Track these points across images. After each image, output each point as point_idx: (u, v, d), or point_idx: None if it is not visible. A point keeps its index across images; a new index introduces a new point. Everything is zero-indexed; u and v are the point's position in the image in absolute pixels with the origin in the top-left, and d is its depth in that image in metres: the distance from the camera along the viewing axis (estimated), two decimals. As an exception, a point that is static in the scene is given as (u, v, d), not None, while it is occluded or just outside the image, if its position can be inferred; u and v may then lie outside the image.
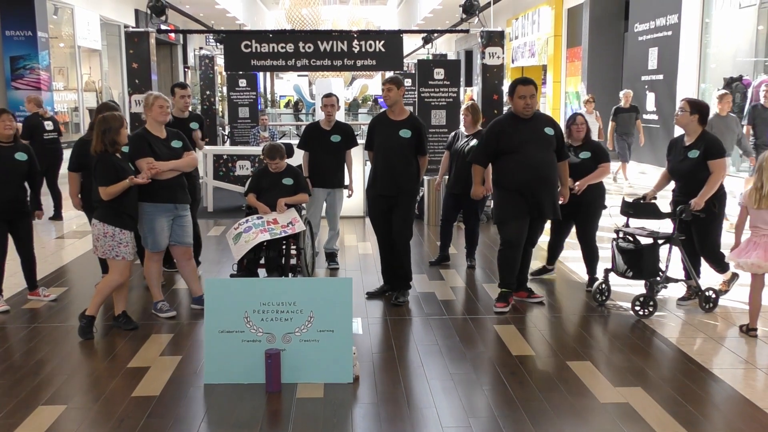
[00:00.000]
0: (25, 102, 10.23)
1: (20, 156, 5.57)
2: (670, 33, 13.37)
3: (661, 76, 13.81)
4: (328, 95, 6.94)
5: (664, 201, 5.88)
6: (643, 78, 14.54)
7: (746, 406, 3.95)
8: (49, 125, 9.63)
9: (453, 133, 7.31)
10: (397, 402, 4.00)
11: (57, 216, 9.61)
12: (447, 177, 7.37)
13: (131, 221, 5.08)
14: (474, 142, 6.79)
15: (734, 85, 10.83)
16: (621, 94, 12.96)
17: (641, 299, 5.43)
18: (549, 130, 5.53)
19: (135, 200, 5.11)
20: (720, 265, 5.76)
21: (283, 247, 5.92)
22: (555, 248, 6.57)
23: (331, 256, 7.08)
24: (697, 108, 5.58)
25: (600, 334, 5.19)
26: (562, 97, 19.37)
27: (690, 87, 12.63)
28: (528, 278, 5.98)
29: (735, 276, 5.84)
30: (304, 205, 6.36)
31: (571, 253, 6.68)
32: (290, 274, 5.92)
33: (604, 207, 6.22)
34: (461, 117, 7.13)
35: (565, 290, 6.31)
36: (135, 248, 5.16)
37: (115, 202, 4.97)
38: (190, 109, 6.83)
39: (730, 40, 12.29)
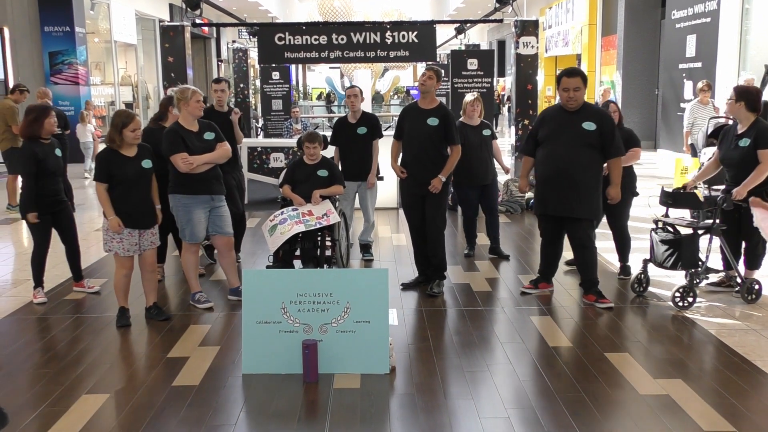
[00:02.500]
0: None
1: (58, 152, 5.74)
2: (708, 20, 13.10)
3: (699, 64, 13.54)
4: (350, 87, 7.05)
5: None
6: (681, 66, 14.28)
7: (790, 399, 3.88)
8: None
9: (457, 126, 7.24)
10: (434, 392, 4.00)
11: None
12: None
13: (126, 218, 5.05)
14: (486, 131, 6.93)
15: (775, 72, 10.58)
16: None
17: (681, 290, 5.35)
18: (588, 125, 5.27)
19: (135, 198, 5.09)
20: (756, 261, 5.61)
21: (318, 238, 5.95)
22: None
23: (366, 248, 7.11)
24: (744, 95, 5.40)
25: (638, 325, 5.13)
26: (597, 87, 19.11)
27: (729, 75, 12.36)
28: (595, 281, 5.63)
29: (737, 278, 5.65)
30: (338, 196, 6.38)
31: (605, 244, 6.61)
32: (325, 266, 5.95)
33: (636, 194, 6.13)
34: (467, 108, 7.00)
35: (601, 280, 6.22)
36: (135, 246, 5.13)
37: (116, 201, 5.03)
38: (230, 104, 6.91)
39: (771, 26, 12.00)
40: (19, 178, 9.96)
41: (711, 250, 5.47)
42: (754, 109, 5.40)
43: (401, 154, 6.01)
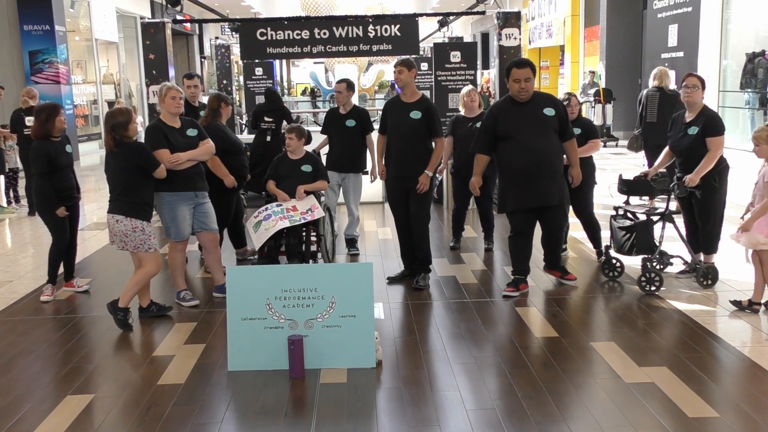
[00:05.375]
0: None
1: (68, 148, 5.81)
2: (690, 9, 13.15)
3: (681, 54, 13.60)
4: (339, 81, 7.00)
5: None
6: (663, 56, 14.32)
7: (773, 384, 3.91)
8: (30, 121, 8.86)
9: (453, 118, 7.26)
10: (421, 385, 4.01)
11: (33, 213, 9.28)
12: (451, 162, 7.33)
13: (151, 213, 5.13)
14: (479, 124, 6.78)
15: (757, 61, 10.64)
16: None
17: (645, 276, 5.50)
18: (549, 111, 5.33)
19: (152, 190, 5.17)
20: (711, 245, 5.69)
21: (303, 233, 5.93)
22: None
23: (351, 242, 7.09)
24: (703, 82, 5.58)
25: (621, 313, 5.16)
26: (581, 78, 19.16)
27: (711, 63, 12.43)
28: (561, 258, 5.94)
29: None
30: (323, 191, 6.36)
31: (579, 233, 6.69)
32: (311, 261, 5.94)
33: (595, 183, 6.34)
34: (464, 100, 7.01)
35: (584, 269, 6.27)
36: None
37: (138, 196, 5.01)
38: (202, 99, 6.89)
39: (752, 15, 12.06)
40: (1, 179, 9.91)
41: (663, 237, 5.56)
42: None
43: (385, 149, 6.00)
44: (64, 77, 15.88)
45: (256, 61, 15.26)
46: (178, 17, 12.78)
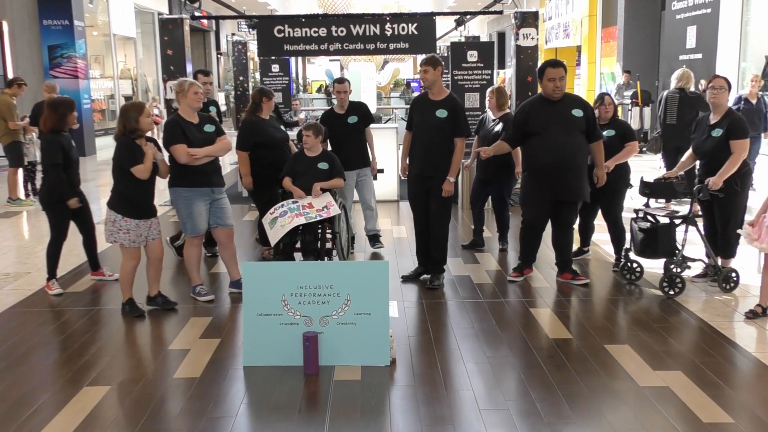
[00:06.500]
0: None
1: (73, 143, 5.87)
2: (709, 11, 13.06)
3: (699, 55, 13.51)
4: (341, 81, 6.94)
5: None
6: (681, 57, 14.23)
7: (790, 390, 3.89)
8: None
9: (481, 117, 7.28)
10: (434, 384, 4.01)
11: None
12: (476, 162, 7.35)
13: (138, 210, 5.11)
14: (500, 126, 6.75)
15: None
16: None
17: (667, 279, 5.46)
18: (577, 112, 5.55)
19: (146, 190, 5.15)
20: (729, 250, 5.66)
21: (319, 231, 5.95)
22: (586, 230, 6.59)
23: (374, 238, 7.07)
24: (730, 84, 5.60)
25: (637, 316, 5.14)
26: (597, 79, 19.07)
27: (730, 66, 12.34)
28: (572, 260, 5.96)
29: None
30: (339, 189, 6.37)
31: (605, 236, 6.64)
32: (326, 258, 5.95)
33: (629, 186, 6.27)
34: (486, 100, 7.07)
35: (602, 272, 6.25)
36: (142, 237, 5.16)
37: (120, 190, 5.09)
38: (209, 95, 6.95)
39: (771, 17, 11.97)
40: (20, 172, 10.00)
41: (686, 240, 5.54)
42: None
43: (410, 146, 5.99)
44: (82, 72, 16.00)
45: (273, 58, 15.28)
46: (196, 13, 12.81)
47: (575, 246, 6.67)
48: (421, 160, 5.79)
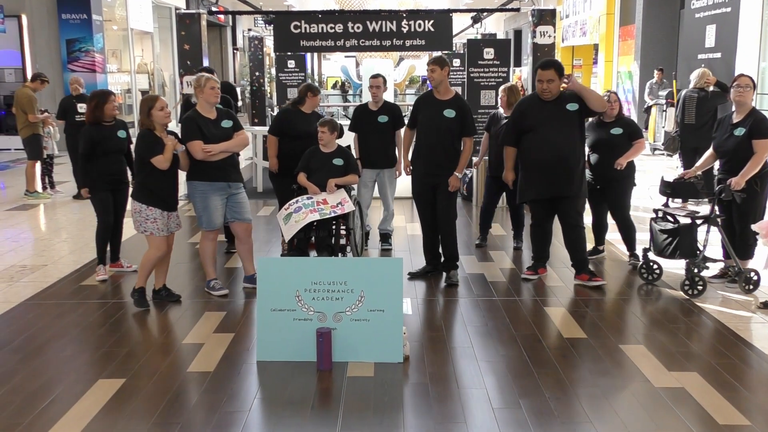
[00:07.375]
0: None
1: (121, 134, 5.98)
2: (729, 9, 12.92)
3: (719, 55, 13.38)
4: (375, 76, 6.89)
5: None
6: (700, 56, 14.10)
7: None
8: (82, 107, 9.37)
9: (491, 114, 7.25)
10: (447, 382, 4.01)
11: None
12: (487, 159, 7.34)
13: (159, 200, 5.21)
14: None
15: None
16: None
17: (689, 280, 5.42)
18: (571, 106, 5.56)
19: (166, 181, 5.24)
20: (747, 250, 5.61)
21: (333, 227, 5.95)
22: (599, 228, 6.56)
23: (385, 237, 7.09)
24: (755, 84, 5.58)
25: (652, 316, 5.10)
26: (614, 77, 18.95)
27: (750, 65, 12.20)
28: (587, 260, 5.89)
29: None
30: (353, 186, 6.37)
31: (615, 235, 6.63)
32: (340, 254, 5.96)
33: (634, 185, 6.26)
34: (499, 97, 7.08)
35: (616, 271, 6.22)
36: (167, 225, 5.28)
37: (143, 179, 5.20)
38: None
39: (792, 16, 11.83)
40: (38, 165, 10.09)
41: (708, 240, 5.49)
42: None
43: (414, 144, 5.99)
44: (99, 66, 16.10)
45: (289, 53, 15.30)
46: (213, 9, 12.85)
47: (590, 245, 6.64)
48: (428, 160, 5.78)
